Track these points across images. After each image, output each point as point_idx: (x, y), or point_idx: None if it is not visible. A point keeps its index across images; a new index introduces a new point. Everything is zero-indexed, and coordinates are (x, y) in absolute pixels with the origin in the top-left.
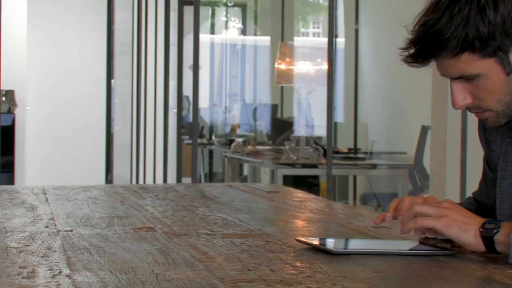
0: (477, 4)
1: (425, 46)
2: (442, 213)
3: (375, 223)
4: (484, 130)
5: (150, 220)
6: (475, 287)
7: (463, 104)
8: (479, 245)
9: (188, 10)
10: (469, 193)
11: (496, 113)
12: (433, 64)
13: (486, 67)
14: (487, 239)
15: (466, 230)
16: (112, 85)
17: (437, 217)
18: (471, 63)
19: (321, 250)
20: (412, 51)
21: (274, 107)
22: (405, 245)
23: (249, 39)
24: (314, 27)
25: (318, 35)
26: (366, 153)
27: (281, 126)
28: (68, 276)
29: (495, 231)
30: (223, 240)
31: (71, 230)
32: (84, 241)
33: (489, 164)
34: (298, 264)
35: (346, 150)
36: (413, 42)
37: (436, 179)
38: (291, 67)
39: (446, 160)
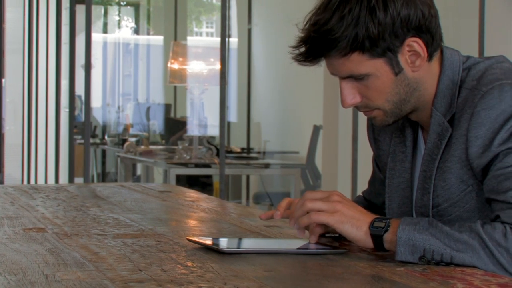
0: (367, 5)
1: (315, 45)
2: (335, 208)
3: (260, 217)
4: (373, 130)
5: (41, 221)
6: (364, 285)
7: (352, 103)
8: (369, 242)
9: (80, 9)
10: (359, 192)
11: (384, 112)
12: (324, 64)
13: (375, 67)
14: (376, 237)
15: (359, 227)
16: (3, 84)
17: (331, 213)
18: (360, 62)
19: (212, 249)
20: (302, 49)
21: (167, 107)
22: (296, 244)
23: (142, 38)
24: (207, 27)
25: (212, 35)
26: (259, 152)
27: (174, 126)
28: None
29: (384, 229)
30: (114, 240)
31: None
32: None
33: (378, 164)
34: (189, 263)
35: (239, 150)
36: (303, 41)
37: (328, 178)
38: (184, 66)
39: (337, 159)
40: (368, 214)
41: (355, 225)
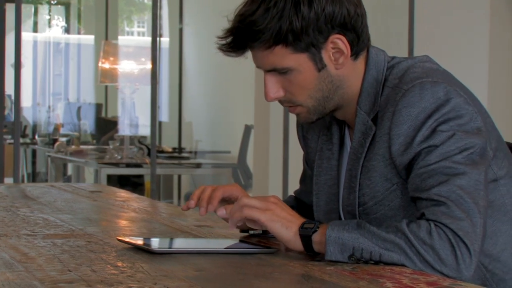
0: None
1: (240, 36)
2: (268, 207)
3: (182, 209)
4: (302, 128)
5: None
6: (294, 284)
7: (275, 97)
8: (298, 244)
9: (10, 8)
10: (291, 191)
11: (307, 108)
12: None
13: (298, 62)
14: (305, 238)
15: (288, 228)
16: None
17: (263, 210)
18: (283, 56)
19: (143, 249)
20: (228, 40)
21: (98, 107)
22: (226, 244)
23: (73, 37)
24: (138, 26)
25: (143, 34)
26: (190, 152)
27: (106, 126)
28: None
29: (313, 230)
30: (44, 240)
31: None
32: None
33: (308, 162)
34: (119, 264)
35: (170, 150)
36: (229, 31)
37: (259, 178)
38: (115, 66)
39: (268, 158)
40: (299, 217)
41: (285, 225)
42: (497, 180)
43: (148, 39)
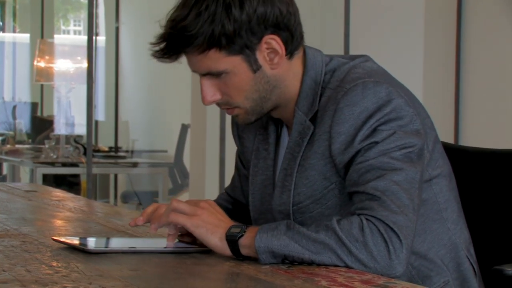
0: (223, 2)
1: (173, 41)
2: (195, 212)
3: (130, 225)
4: (237, 127)
5: None
6: (229, 283)
7: (212, 100)
8: (225, 249)
9: None
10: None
11: (244, 110)
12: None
13: (233, 64)
14: (232, 242)
15: (214, 233)
16: None
17: (189, 216)
18: (218, 59)
19: (78, 249)
20: (161, 46)
21: (34, 105)
22: (163, 243)
23: (8, 36)
24: (75, 25)
25: (79, 33)
26: (127, 151)
27: (41, 125)
28: None
29: (240, 234)
30: None
31: None
32: None
33: (242, 161)
34: (54, 264)
35: (107, 149)
36: (162, 37)
37: (196, 177)
38: (51, 65)
39: (205, 158)
40: (229, 222)
41: (211, 230)
42: (431, 180)
43: (84, 37)
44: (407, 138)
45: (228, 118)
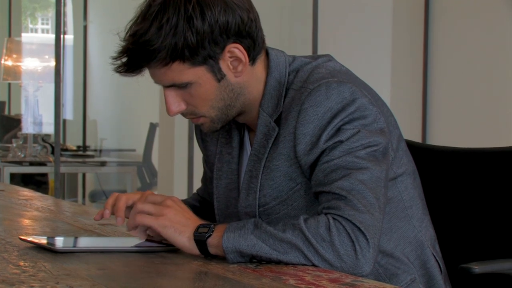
0: (184, 14)
1: (135, 56)
2: (161, 212)
3: (95, 219)
4: (201, 130)
5: None
6: (197, 281)
7: (177, 111)
8: (193, 248)
9: None
10: (196, 189)
11: (210, 118)
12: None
13: (197, 75)
14: (200, 242)
15: (182, 233)
16: None
17: (156, 216)
18: (182, 71)
19: (45, 248)
20: (123, 61)
21: (1, 104)
22: (131, 242)
23: None
24: (43, 23)
25: (47, 32)
26: (95, 150)
27: (9, 124)
28: None
29: (208, 234)
30: None
31: None
32: None
33: (207, 164)
34: (21, 263)
35: (75, 148)
36: (123, 52)
37: (164, 176)
38: (18, 63)
39: (174, 157)
40: (195, 220)
41: (178, 230)
42: (396, 178)
43: (52, 36)
44: (371, 136)
45: None
